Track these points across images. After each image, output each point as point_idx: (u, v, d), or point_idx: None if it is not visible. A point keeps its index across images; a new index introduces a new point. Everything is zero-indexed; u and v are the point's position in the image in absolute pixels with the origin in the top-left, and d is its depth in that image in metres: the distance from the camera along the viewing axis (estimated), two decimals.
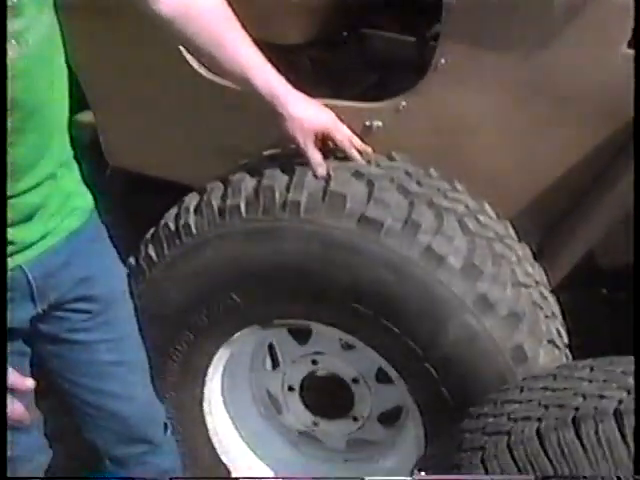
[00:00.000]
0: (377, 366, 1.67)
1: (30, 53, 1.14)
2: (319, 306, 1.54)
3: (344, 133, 1.52)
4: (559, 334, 1.58)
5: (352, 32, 2.00)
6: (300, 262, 1.50)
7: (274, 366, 1.84)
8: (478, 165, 1.61)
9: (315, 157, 1.50)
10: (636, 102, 1.41)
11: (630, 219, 1.45)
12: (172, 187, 1.83)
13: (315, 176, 1.50)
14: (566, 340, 1.60)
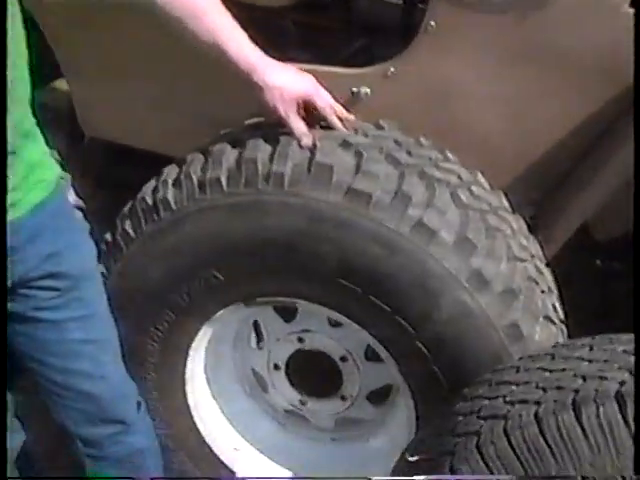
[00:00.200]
0: (366, 344, 1.65)
1: None
2: (305, 283, 1.51)
3: (325, 100, 1.49)
4: (555, 309, 1.56)
5: None
6: (285, 237, 1.46)
7: (259, 343, 1.80)
8: (471, 132, 1.59)
9: (299, 126, 1.47)
10: (636, 63, 1.37)
11: (630, 188, 1.42)
12: (154, 159, 1.77)
13: (300, 146, 1.46)
14: (562, 315, 1.58)
